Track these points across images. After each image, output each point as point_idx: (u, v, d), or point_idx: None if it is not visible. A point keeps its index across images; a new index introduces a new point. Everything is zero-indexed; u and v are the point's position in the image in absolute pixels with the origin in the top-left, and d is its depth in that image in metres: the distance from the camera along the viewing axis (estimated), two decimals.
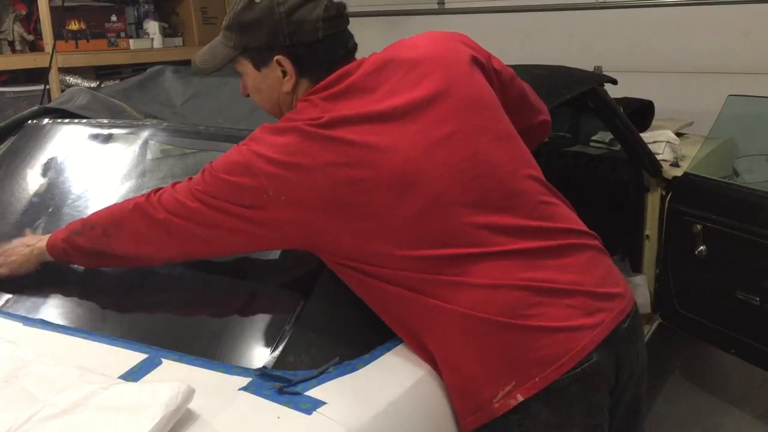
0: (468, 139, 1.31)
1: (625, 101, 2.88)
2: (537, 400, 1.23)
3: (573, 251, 1.33)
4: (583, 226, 1.39)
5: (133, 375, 1.21)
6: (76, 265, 1.54)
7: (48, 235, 1.49)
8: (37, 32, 3.56)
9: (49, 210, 1.73)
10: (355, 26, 1.40)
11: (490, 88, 1.41)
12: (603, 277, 1.35)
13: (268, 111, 1.45)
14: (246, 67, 1.40)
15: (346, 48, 1.38)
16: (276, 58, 1.34)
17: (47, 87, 3.28)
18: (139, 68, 3.64)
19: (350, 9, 1.41)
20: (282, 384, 1.16)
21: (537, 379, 1.23)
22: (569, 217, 1.38)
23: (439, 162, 1.27)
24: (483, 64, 1.43)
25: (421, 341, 1.30)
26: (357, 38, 1.42)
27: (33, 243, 1.51)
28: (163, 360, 1.25)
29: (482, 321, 1.24)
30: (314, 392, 1.16)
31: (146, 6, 4.09)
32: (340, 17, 1.36)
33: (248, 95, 1.46)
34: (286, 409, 1.12)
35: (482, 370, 1.24)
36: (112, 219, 1.39)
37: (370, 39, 1.47)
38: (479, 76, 1.40)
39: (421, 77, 1.33)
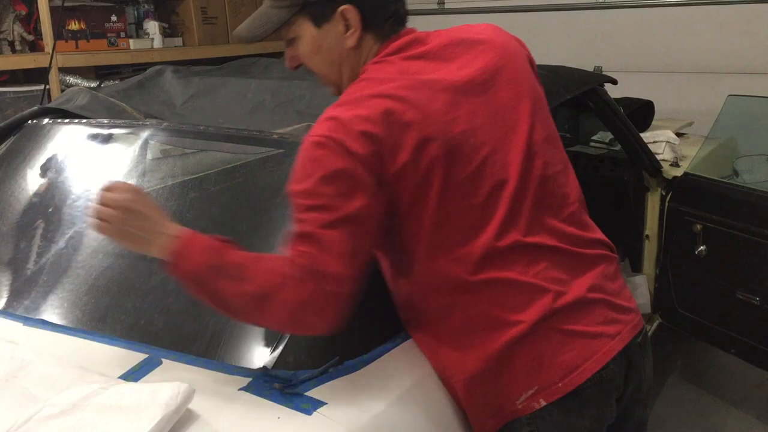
0: (531, 132, 1.31)
1: (625, 101, 2.88)
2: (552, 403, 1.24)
3: (600, 261, 1.35)
4: (606, 238, 1.40)
5: (133, 375, 1.21)
6: (76, 264, 1.55)
7: (179, 231, 1.19)
8: (37, 32, 3.56)
9: (49, 210, 1.73)
10: None
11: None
12: (620, 289, 1.37)
13: (325, 74, 1.35)
14: (303, 27, 1.30)
15: (404, 6, 1.34)
16: (341, 9, 1.27)
17: (47, 87, 3.27)
18: (139, 68, 3.63)
19: None
20: (282, 384, 1.16)
21: (560, 384, 1.24)
22: (595, 228, 1.40)
23: (507, 150, 1.27)
24: (534, 64, 1.44)
25: (439, 341, 1.29)
26: None
27: (162, 229, 1.19)
28: (163, 360, 1.25)
29: (517, 323, 1.23)
30: (314, 392, 1.16)
31: (146, 6, 4.09)
32: None
33: (296, 67, 1.37)
34: (286, 409, 1.12)
35: (507, 374, 1.24)
36: (265, 289, 1.15)
37: None
38: (535, 75, 1.41)
39: (492, 62, 1.31)
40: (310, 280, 1.12)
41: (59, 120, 1.96)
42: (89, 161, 1.87)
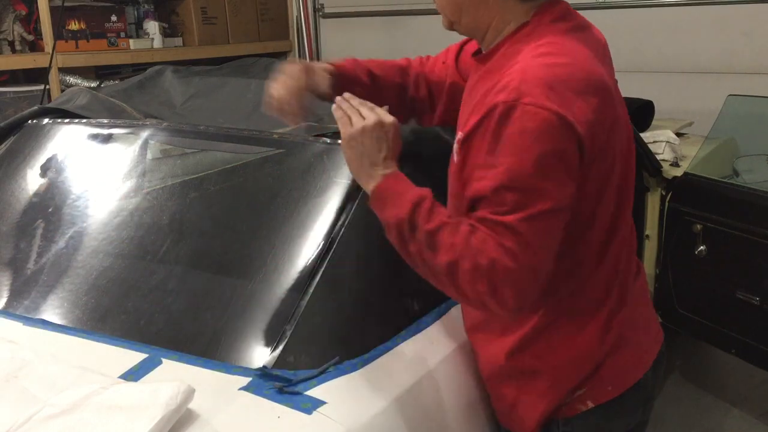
0: (628, 137, 1.30)
1: (625, 101, 2.87)
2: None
3: (641, 274, 1.38)
4: None
5: (133, 375, 1.21)
6: (76, 264, 1.55)
7: (389, 175, 1.18)
8: (37, 32, 3.56)
9: (49, 210, 1.73)
10: (355, 26, 1.40)
11: None
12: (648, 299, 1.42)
13: (442, 6, 1.26)
14: None
15: None
16: None
17: (47, 87, 3.27)
18: (139, 68, 3.64)
19: (350, 9, 1.41)
20: (282, 384, 1.17)
21: (610, 388, 1.25)
22: None
23: (629, 150, 1.27)
24: None
25: (508, 336, 1.27)
26: (357, 38, 1.41)
27: (378, 169, 1.18)
28: (163, 360, 1.25)
29: (596, 319, 1.24)
30: (314, 392, 1.16)
31: (146, 6, 4.09)
32: None
33: None
34: (286, 408, 1.12)
35: (566, 373, 1.24)
36: (446, 269, 1.10)
37: (370, 39, 1.46)
38: None
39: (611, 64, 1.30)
40: (484, 278, 1.05)
41: (59, 120, 1.96)
42: (89, 161, 1.87)
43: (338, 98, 1.27)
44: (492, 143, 1.07)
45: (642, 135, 2.59)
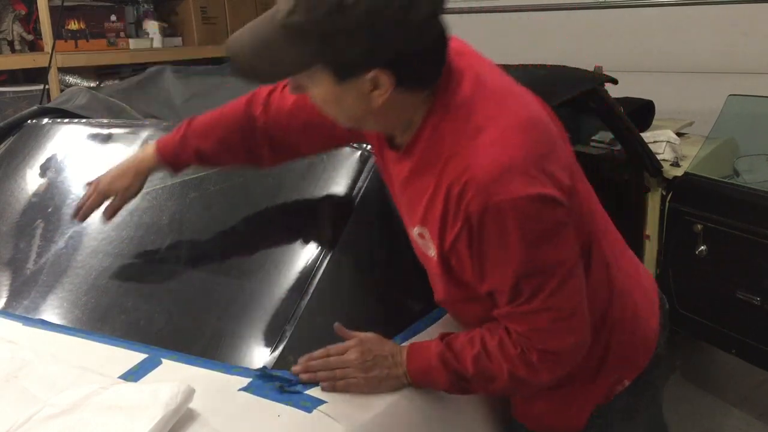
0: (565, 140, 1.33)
1: (626, 101, 2.88)
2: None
3: (626, 247, 1.43)
4: None
5: (133, 375, 1.21)
6: (76, 264, 1.55)
7: (408, 361, 1.21)
8: (37, 32, 3.56)
9: (49, 210, 1.73)
10: None
11: None
12: None
13: (341, 122, 1.13)
14: (320, 77, 1.03)
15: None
16: (372, 74, 1.00)
17: (47, 87, 3.27)
18: (138, 68, 3.63)
19: None
20: (282, 383, 1.16)
21: (638, 361, 1.29)
22: None
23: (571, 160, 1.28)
24: None
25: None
26: None
27: (398, 367, 1.22)
28: (163, 360, 1.25)
29: (635, 305, 1.28)
30: (314, 391, 1.16)
31: (146, 6, 4.09)
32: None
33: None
34: (286, 407, 1.12)
35: (613, 358, 1.26)
36: (507, 384, 1.17)
37: None
38: None
39: None
40: (544, 368, 1.13)
41: (59, 120, 1.96)
42: (89, 161, 1.86)
43: (303, 376, 1.19)
44: (484, 248, 1.05)
45: (642, 135, 2.59)
